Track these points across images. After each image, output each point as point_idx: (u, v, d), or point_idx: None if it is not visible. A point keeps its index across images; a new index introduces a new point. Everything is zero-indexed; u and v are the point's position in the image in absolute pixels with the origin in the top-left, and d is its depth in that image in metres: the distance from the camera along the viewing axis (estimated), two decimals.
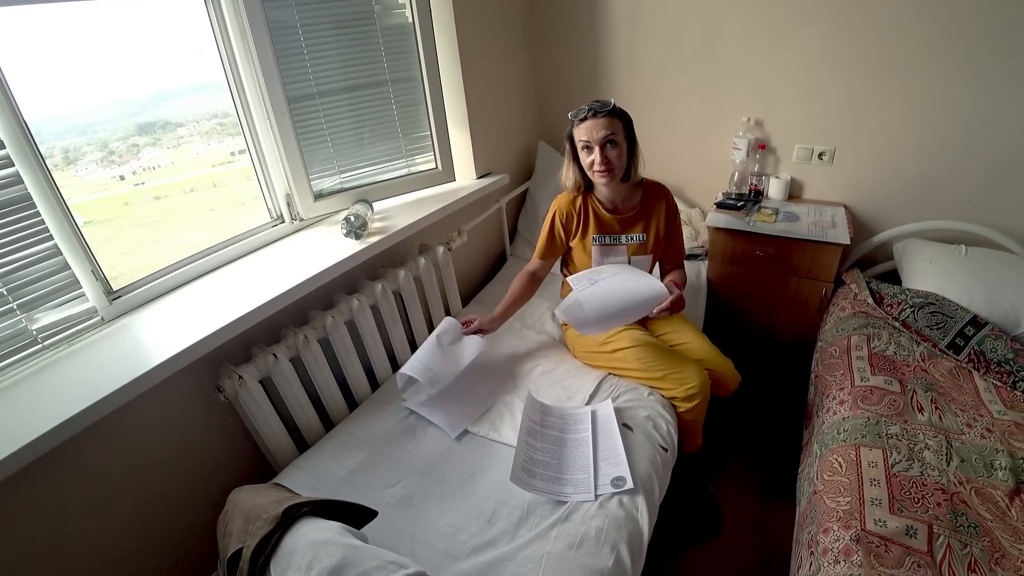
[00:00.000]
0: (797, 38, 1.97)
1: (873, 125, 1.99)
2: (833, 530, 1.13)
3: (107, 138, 1.46)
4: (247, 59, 1.52)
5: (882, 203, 2.10)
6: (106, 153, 1.46)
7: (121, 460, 1.22)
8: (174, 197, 1.67)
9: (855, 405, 1.44)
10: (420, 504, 1.23)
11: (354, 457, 1.36)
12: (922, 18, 1.78)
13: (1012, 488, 1.20)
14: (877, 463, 1.26)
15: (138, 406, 1.17)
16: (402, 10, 1.82)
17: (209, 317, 1.27)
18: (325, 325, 1.48)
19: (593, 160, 1.47)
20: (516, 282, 1.72)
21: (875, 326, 1.73)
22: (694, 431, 1.59)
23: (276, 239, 1.70)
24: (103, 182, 1.46)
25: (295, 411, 1.44)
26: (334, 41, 1.68)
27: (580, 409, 1.48)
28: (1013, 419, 1.40)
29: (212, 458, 1.41)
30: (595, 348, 1.65)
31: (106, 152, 1.46)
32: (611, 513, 1.18)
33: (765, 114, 2.15)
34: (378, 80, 1.81)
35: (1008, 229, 1.92)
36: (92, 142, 1.43)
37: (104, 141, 1.46)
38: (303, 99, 1.65)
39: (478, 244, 2.31)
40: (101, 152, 1.45)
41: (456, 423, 1.45)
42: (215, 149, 1.70)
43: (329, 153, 1.76)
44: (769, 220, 1.99)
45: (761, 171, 2.20)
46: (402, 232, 1.69)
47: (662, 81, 2.26)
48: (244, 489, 1.04)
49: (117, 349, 1.21)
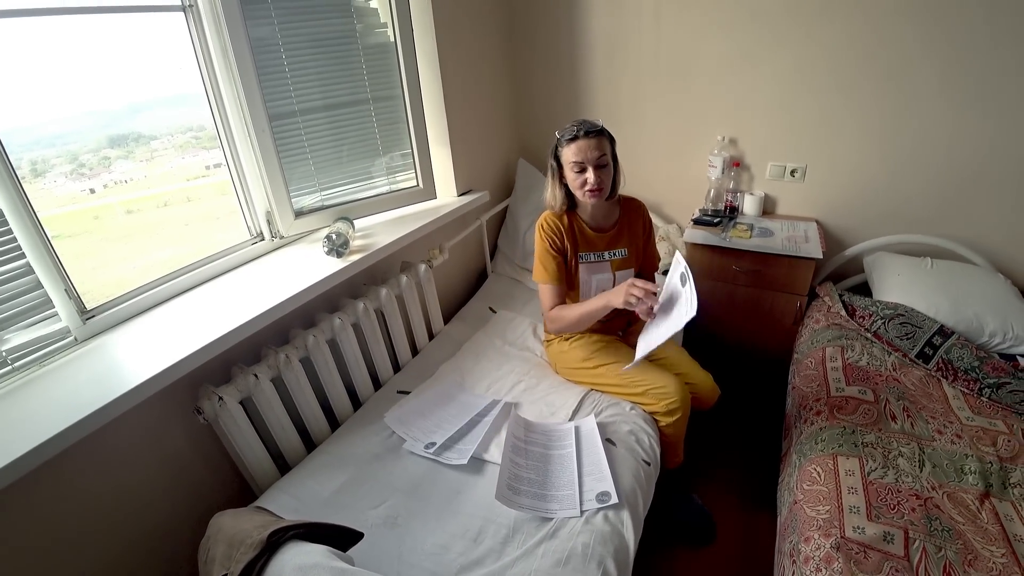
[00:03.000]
0: (768, 60, 2.05)
1: (842, 143, 2.07)
2: (814, 539, 1.16)
3: (77, 150, 1.42)
4: (228, 76, 1.51)
5: (852, 218, 2.18)
6: (76, 166, 1.42)
7: (96, 484, 1.18)
8: (147, 211, 1.63)
9: (831, 415, 1.47)
10: (405, 524, 1.22)
11: (337, 478, 1.34)
12: (885, 43, 1.88)
13: (982, 491, 1.24)
14: (854, 471, 1.29)
15: (113, 429, 1.14)
16: (384, 29, 1.84)
17: (188, 337, 1.24)
18: (307, 344, 1.47)
19: (586, 180, 1.47)
20: (564, 312, 1.60)
21: (849, 338, 1.78)
22: (676, 446, 1.61)
23: (256, 257, 1.68)
24: (72, 195, 1.42)
25: (276, 432, 1.42)
26: (316, 59, 1.68)
27: (563, 425, 1.49)
28: (980, 424, 1.45)
29: (191, 481, 1.37)
30: (577, 364, 1.66)
31: (76, 164, 1.42)
32: (597, 528, 1.18)
33: (739, 132, 2.21)
34: (359, 98, 1.81)
35: (969, 241, 2.01)
36: (61, 154, 1.39)
37: (74, 153, 1.42)
38: (284, 117, 1.65)
39: (459, 261, 2.32)
40: (71, 164, 1.41)
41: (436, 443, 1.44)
42: (190, 163, 1.67)
43: (310, 170, 1.76)
44: (745, 236, 2.04)
45: (736, 188, 2.26)
46: (384, 250, 1.69)
47: (639, 100, 2.32)
48: (227, 514, 1.02)
49: (91, 370, 1.17)
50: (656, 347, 1.33)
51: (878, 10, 1.85)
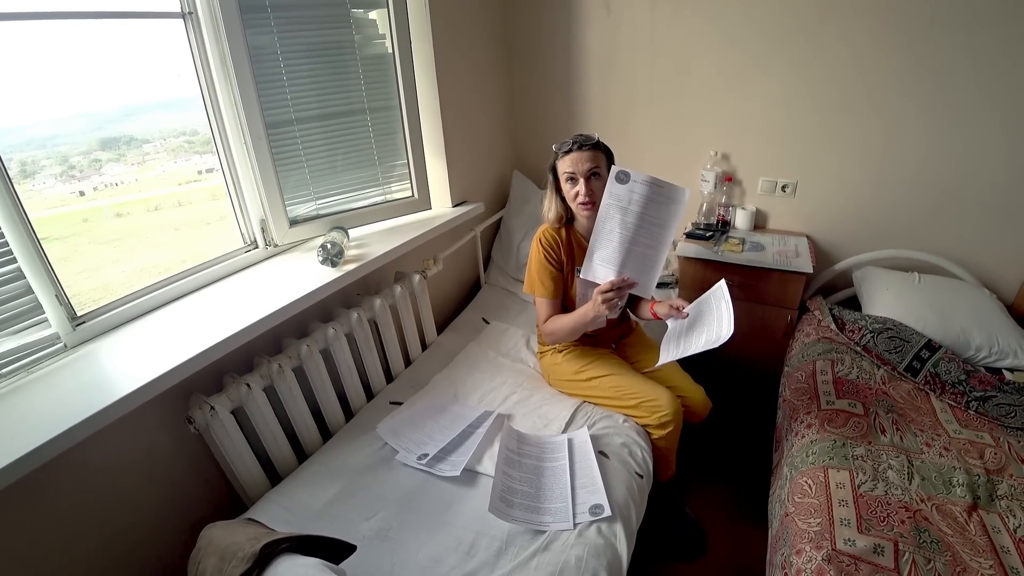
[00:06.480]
0: (761, 78, 2.09)
1: (832, 160, 2.11)
2: (805, 551, 1.16)
3: (68, 152, 1.41)
4: (226, 84, 1.52)
5: (841, 233, 2.21)
6: (66, 167, 1.41)
7: (85, 493, 1.16)
8: (137, 215, 1.61)
9: (822, 428, 1.49)
10: (398, 537, 1.21)
11: (329, 489, 1.33)
12: (873, 63, 1.92)
13: (969, 504, 1.26)
14: (844, 484, 1.30)
15: (102, 438, 1.12)
16: (382, 40, 1.85)
17: (180, 345, 1.23)
18: (300, 354, 1.46)
19: (578, 191, 1.48)
20: (558, 323, 1.59)
21: (838, 351, 1.80)
22: (668, 458, 1.61)
23: (249, 265, 1.67)
24: (62, 197, 1.40)
25: (268, 442, 1.40)
26: (314, 69, 1.69)
27: (557, 437, 1.49)
28: (968, 437, 1.47)
29: (181, 492, 1.35)
30: (570, 376, 1.67)
31: (66, 166, 1.41)
32: (590, 541, 1.18)
33: (731, 148, 2.25)
34: (356, 108, 1.82)
35: (955, 257, 2.05)
36: (52, 156, 1.37)
37: (64, 155, 1.41)
38: (281, 125, 1.65)
39: (453, 272, 2.32)
40: (61, 166, 1.40)
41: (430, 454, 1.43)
42: (182, 167, 1.66)
43: (305, 179, 1.76)
44: (736, 250, 2.06)
45: (728, 202, 2.29)
46: (378, 260, 1.69)
47: (634, 116, 2.35)
48: (218, 525, 1.01)
49: (80, 378, 1.16)
50: (691, 354, 1.34)
51: (866, 33, 1.89)
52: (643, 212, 1.36)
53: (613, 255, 1.41)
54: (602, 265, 1.43)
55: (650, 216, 1.36)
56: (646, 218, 1.36)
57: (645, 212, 1.36)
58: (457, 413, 1.59)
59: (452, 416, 1.58)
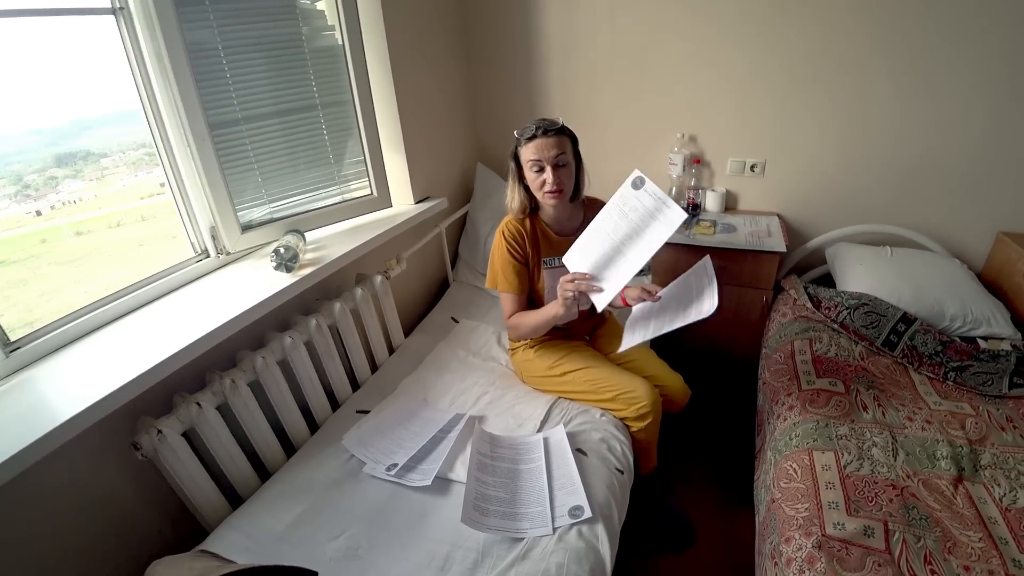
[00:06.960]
0: (725, 58, 2.05)
1: (799, 137, 2.09)
2: (795, 539, 1.12)
3: (21, 171, 1.34)
4: (164, 83, 1.41)
5: (812, 210, 2.19)
6: (20, 187, 1.33)
7: (20, 530, 1.06)
8: (98, 232, 1.54)
9: (804, 409, 1.45)
10: (367, 556, 1.13)
11: (293, 509, 1.25)
12: (837, 40, 1.90)
13: (955, 476, 1.24)
14: (830, 466, 1.26)
15: (38, 471, 1.02)
16: (331, 32, 1.76)
17: (124, 365, 1.14)
18: (255, 367, 1.37)
19: (545, 180, 1.41)
20: (522, 319, 1.55)
21: (816, 330, 1.78)
22: (649, 451, 1.57)
23: (201, 275, 1.57)
24: (17, 218, 1.33)
25: (225, 464, 1.31)
26: (259, 64, 1.60)
27: (531, 437, 1.43)
28: (948, 408, 1.45)
29: (132, 523, 1.25)
30: (544, 372, 1.61)
31: (20, 186, 1.33)
32: (571, 546, 1.12)
33: (698, 129, 2.21)
34: (307, 104, 1.73)
35: (924, 229, 2.05)
36: (4, 175, 1.30)
37: (18, 174, 1.34)
38: (227, 125, 1.56)
39: (418, 271, 2.24)
40: (15, 186, 1.32)
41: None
42: (143, 180, 1.58)
43: (257, 182, 1.67)
44: (708, 232, 2.03)
45: (698, 185, 2.25)
46: (337, 262, 1.60)
47: (597, 100, 2.30)
48: (163, 562, 0.92)
49: (13, 408, 1.05)
50: (667, 331, 1.32)
51: (830, 9, 1.87)
52: (638, 223, 1.32)
53: (593, 251, 1.37)
54: (579, 254, 1.39)
55: (641, 229, 1.32)
56: (637, 230, 1.32)
57: (639, 224, 1.32)
58: (427, 418, 1.52)
59: (422, 422, 1.50)
